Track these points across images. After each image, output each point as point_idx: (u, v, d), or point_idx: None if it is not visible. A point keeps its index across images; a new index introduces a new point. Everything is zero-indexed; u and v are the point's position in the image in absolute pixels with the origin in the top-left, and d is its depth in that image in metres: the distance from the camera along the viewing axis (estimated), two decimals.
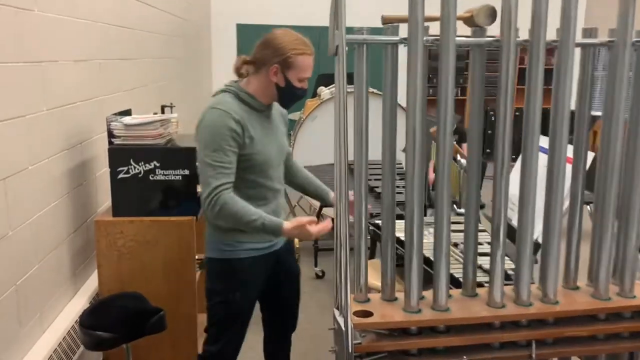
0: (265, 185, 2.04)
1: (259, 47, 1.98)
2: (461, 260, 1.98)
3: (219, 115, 1.89)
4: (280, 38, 1.92)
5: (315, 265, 4.33)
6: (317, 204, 4.16)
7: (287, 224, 1.91)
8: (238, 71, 2.03)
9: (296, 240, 2.88)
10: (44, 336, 2.30)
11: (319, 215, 4.29)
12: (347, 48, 1.27)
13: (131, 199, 2.64)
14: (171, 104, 4.03)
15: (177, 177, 2.64)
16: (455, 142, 4.67)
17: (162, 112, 4.02)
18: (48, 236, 2.39)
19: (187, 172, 2.65)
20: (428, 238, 1.83)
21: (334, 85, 1.28)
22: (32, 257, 2.24)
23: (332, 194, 2.37)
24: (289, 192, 3.25)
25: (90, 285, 2.78)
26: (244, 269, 2.05)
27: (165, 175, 2.64)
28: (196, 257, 2.80)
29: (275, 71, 1.93)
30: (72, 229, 2.66)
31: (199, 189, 2.74)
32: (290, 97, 2.00)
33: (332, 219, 1.55)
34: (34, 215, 2.25)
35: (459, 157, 2.54)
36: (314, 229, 1.89)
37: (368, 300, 1.48)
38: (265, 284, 2.17)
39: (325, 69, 3.64)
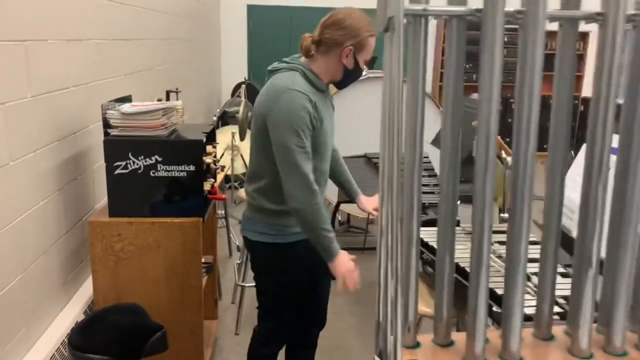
0: (322, 170, 2.00)
1: (329, 28, 1.88)
2: (532, 291, 1.68)
3: (298, 98, 1.80)
4: (353, 19, 1.85)
5: None
6: (332, 198, 3.85)
7: (343, 257, 1.87)
8: (308, 51, 1.92)
9: None
10: (30, 355, 2.02)
11: (336, 211, 3.97)
12: (405, 21, 0.95)
13: (130, 197, 2.34)
14: (177, 89, 3.71)
15: (182, 174, 2.34)
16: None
17: (167, 98, 3.71)
18: (35, 240, 2.09)
19: (192, 167, 2.34)
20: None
21: None
22: (16, 266, 1.95)
23: (361, 197, 2.28)
24: None
25: (85, 292, 2.49)
26: (292, 252, 2.02)
27: (169, 171, 2.33)
28: (202, 260, 2.51)
29: (348, 53, 1.86)
30: (64, 230, 2.37)
31: (207, 186, 2.45)
32: (352, 79, 1.95)
33: None
34: (17, 218, 1.96)
35: (503, 154, 2.21)
36: (349, 282, 1.87)
37: (418, 345, 1.17)
38: (310, 268, 2.14)
39: None
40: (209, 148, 2.50)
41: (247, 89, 4.85)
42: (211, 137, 2.67)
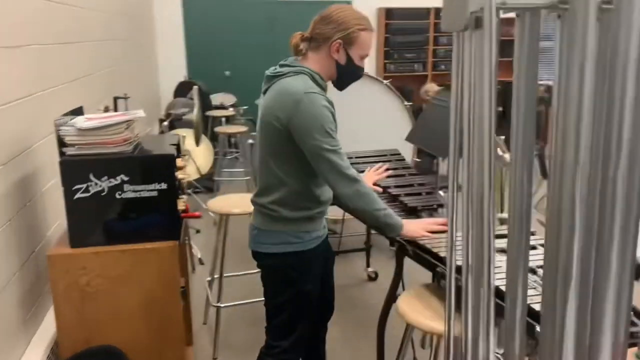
0: None
1: (319, 23, 1.86)
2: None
3: (319, 99, 1.77)
4: (342, 12, 1.82)
5: (368, 266, 3.84)
6: None
7: (408, 224, 1.95)
8: (297, 48, 1.89)
9: None
10: None
11: None
12: (496, 15, 0.77)
13: (94, 224, 2.06)
14: (125, 95, 3.38)
15: (153, 193, 2.08)
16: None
17: (115, 105, 3.38)
18: None
19: (164, 185, 2.09)
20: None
21: None
22: None
23: None
24: None
25: (46, 332, 2.19)
26: (315, 258, 1.99)
27: (137, 191, 2.07)
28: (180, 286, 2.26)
29: (337, 47, 1.83)
30: (19, 264, 2.05)
31: (180, 205, 2.20)
32: (349, 76, 1.90)
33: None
34: None
35: (499, 152, 2.10)
36: (434, 227, 1.97)
37: None
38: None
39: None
40: (178, 161, 2.25)
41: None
42: (178, 148, 2.41)
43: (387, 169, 2.42)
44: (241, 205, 2.92)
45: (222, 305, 2.95)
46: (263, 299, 2.07)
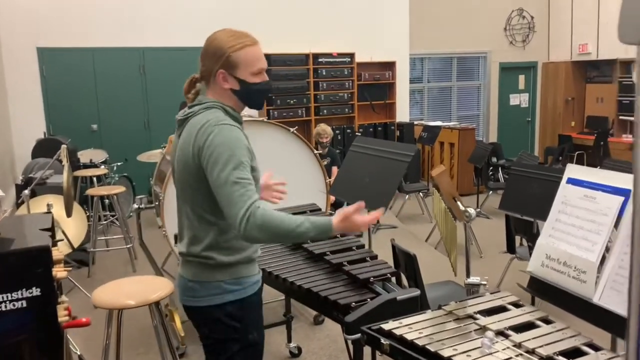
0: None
1: (201, 60, 1.79)
2: None
3: (232, 130, 1.70)
4: (215, 41, 1.75)
5: (289, 341, 3.27)
6: None
7: (335, 218, 1.69)
8: (187, 94, 1.82)
9: None
10: None
11: None
12: None
13: None
14: None
15: (21, 304, 1.48)
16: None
17: None
18: None
19: (36, 291, 1.50)
20: None
21: None
22: None
23: None
24: None
25: None
26: (257, 304, 1.88)
27: None
28: None
29: (224, 77, 1.75)
30: None
31: (61, 314, 1.61)
32: (253, 96, 1.79)
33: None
34: None
35: (460, 205, 1.79)
36: (364, 218, 1.70)
37: None
38: None
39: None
40: (55, 252, 1.66)
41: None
42: (52, 232, 1.82)
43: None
44: (136, 293, 2.34)
45: None
46: None
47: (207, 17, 6.93)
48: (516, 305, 1.63)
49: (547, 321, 1.54)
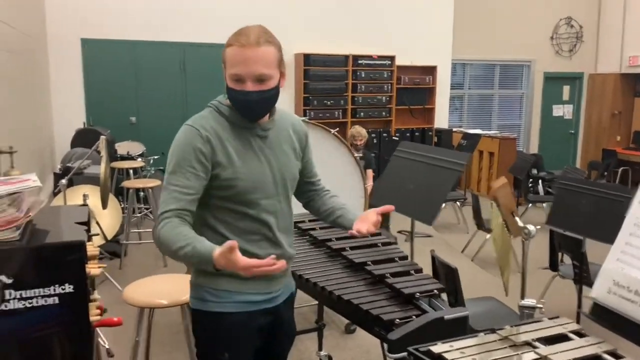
0: (258, 219, 1.69)
1: None
2: None
3: (185, 133, 1.64)
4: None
5: (320, 349, 3.17)
6: None
7: (216, 252, 1.48)
8: None
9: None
10: None
11: None
12: None
13: None
14: (11, 148, 2.64)
15: (52, 300, 1.41)
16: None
17: None
18: None
19: (69, 288, 1.43)
20: None
21: None
22: None
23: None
24: None
25: None
26: (235, 326, 1.68)
27: (27, 299, 1.39)
28: None
29: (224, 72, 1.64)
30: None
31: (92, 313, 1.54)
32: (232, 100, 1.64)
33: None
34: None
35: (517, 220, 1.66)
36: (246, 262, 1.44)
37: None
38: (259, 342, 1.78)
39: None
40: (89, 247, 1.60)
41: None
42: (87, 225, 1.76)
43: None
44: (168, 292, 2.27)
45: None
46: None
47: (249, 15, 6.87)
48: (579, 334, 1.49)
49: (615, 355, 1.40)
